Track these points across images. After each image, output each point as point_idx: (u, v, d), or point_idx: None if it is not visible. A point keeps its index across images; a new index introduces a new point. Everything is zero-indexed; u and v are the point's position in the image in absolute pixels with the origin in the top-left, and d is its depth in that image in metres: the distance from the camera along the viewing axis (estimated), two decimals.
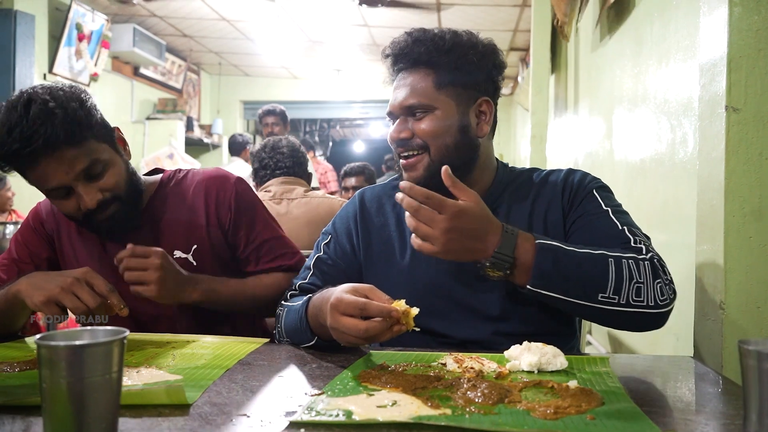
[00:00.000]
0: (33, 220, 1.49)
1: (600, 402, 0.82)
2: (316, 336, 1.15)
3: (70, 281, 1.15)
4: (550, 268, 1.06)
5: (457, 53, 1.23)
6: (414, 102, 1.23)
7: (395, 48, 1.27)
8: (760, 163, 1.14)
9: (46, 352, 0.62)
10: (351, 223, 1.37)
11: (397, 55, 1.27)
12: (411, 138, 1.24)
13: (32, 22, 4.91)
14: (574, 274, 1.06)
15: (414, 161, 1.24)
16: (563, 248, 1.09)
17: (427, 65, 1.24)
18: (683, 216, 1.76)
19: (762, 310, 1.14)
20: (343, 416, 0.77)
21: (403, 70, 1.27)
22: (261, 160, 2.65)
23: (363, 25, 6.22)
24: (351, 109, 9.51)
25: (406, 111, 1.24)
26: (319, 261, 1.36)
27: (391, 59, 1.29)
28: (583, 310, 1.08)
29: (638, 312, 1.06)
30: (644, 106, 2.26)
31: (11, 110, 1.20)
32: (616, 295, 1.06)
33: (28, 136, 1.19)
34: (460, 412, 0.78)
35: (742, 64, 1.14)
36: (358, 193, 1.43)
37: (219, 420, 0.77)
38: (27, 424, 0.76)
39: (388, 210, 1.36)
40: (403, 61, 1.26)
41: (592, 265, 1.07)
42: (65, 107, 1.23)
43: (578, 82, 3.70)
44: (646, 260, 1.10)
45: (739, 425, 0.75)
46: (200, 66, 8.47)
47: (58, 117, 1.21)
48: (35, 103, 1.20)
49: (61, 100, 1.23)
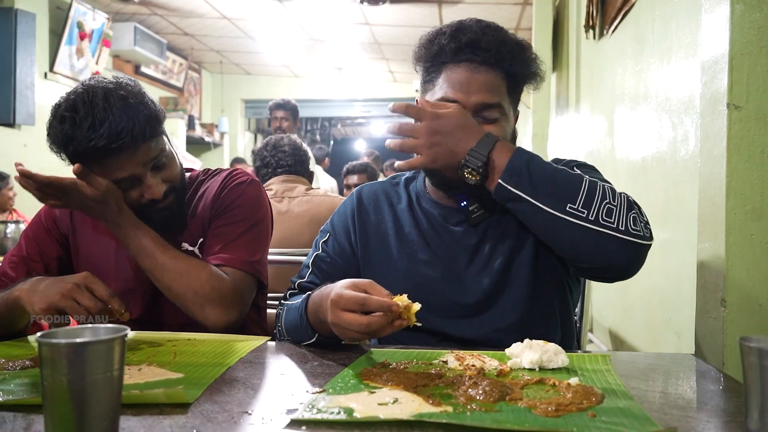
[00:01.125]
0: (45, 219, 1.47)
1: (601, 399, 0.82)
2: (317, 333, 1.15)
3: (70, 287, 1.13)
4: (522, 167, 1.08)
5: (529, 67, 1.23)
6: (495, 101, 1.19)
7: (474, 38, 1.19)
8: (761, 161, 1.14)
9: (47, 350, 0.62)
10: (349, 220, 1.36)
11: (479, 47, 1.19)
12: None
13: (33, 20, 4.92)
14: (544, 178, 1.08)
15: None
16: (540, 157, 1.11)
17: (504, 70, 1.20)
18: (684, 214, 1.76)
19: (763, 307, 1.14)
20: (345, 414, 0.77)
21: (477, 63, 1.19)
22: (263, 158, 2.66)
23: (364, 23, 6.21)
24: (352, 108, 9.52)
25: (480, 108, 1.18)
26: (318, 259, 1.36)
27: (461, 44, 1.19)
28: (551, 221, 1.07)
29: (607, 234, 1.04)
30: (645, 104, 2.26)
31: (90, 105, 1.21)
32: (585, 209, 1.05)
33: (116, 132, 1.20)
34: (462, 410, 0.78)
35: (744, 62, 1.14)
36: (356, 190, 1.42)
37: (220, 418, 0.77)
38: (28, 422, 0.76)
39: (385, 208, 1.35)
40: (480, 54, 1.19)
41: (566, 176, 1.09)
42: (144, 103, 1.27)
43: (580, 80, 3.70)
44: (624, 194, 1.09)
45: (740, 422, 0.75)
46: (201, 65, 8.48)
47: (141, 113, 1.25)
48: (114, 98, 1.22)
49: (136, 96, 1.26)
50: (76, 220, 1.46)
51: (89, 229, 1.46)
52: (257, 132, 10.00)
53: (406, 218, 1.32)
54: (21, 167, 1.21)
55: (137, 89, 1.29)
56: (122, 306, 1.16)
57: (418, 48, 1.27)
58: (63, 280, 1.16)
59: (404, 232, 1.31)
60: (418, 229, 1.31)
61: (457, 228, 1.29)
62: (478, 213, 1.26)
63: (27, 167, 1.22)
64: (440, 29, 1.24)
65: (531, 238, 1.24)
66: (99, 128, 1.20)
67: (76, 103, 1.22)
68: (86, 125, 1.20)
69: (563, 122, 4.25)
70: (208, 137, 8.00)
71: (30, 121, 4.90)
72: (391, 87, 8.99)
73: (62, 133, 1.22)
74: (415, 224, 1.31)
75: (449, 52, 1.20)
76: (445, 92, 1.20)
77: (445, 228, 1.29)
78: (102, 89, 1.23)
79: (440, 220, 1.30)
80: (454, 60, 1.20)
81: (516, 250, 1.25)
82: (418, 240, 1.30)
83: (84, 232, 1.46)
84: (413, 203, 1.34)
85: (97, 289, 1.15)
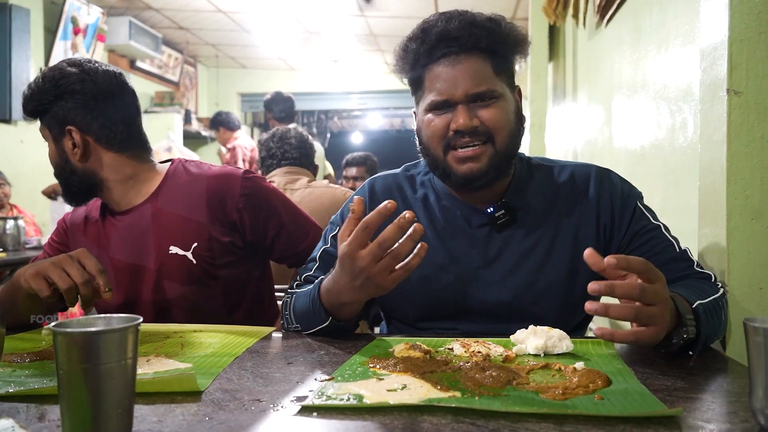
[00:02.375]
0: (61, 227, 1.58)
1: (607, 382, 0.83)
2: (330, 317, 1.12)
3: (63, 258, 1.17)
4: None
5: (511, 40, 1.20)
6: (484, 89, 1.16)
7: (442, 30, 1.17)
8: (761, 146, 1.14)
9: (63, 339, 0.63)
10: None
11: (450, 38, 1.16)
12: (479, 126, 1.16)
13: (27, 16, 4.90)
14: (711, 336, 1.04)
15: (479, 151, 1.17)
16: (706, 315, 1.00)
17: (484, 51, 1.17)
18: (683, 201, 1.77)
19: (764, 291, 1.15)
20: (354, 400, 0.78)
21: (453, 54, 1.16)
22: (269, 149, 2.66)
23: (360, 15, 6.19)
24: (349, 100, 9.49)
25: (471, 98, 1.16)
26: (326, 253, 1.33)
27: (432, 41, 1.17)
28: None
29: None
30: (643, 92, 2.27)
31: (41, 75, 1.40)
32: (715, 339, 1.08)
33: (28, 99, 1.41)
34: (470, 395, 0.79)
35: (743, 48, 1.14)
36: (368, 181, 1.37)
37: (232, 405, 0.78)
38: (42, 411, 0.77)
39: (398, 203, 1.32)
40: (454, 44, 1.16)
41: (718, 321, 1.05)
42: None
43: (577, 69, 3.70)
44: (725, 299, 1.10)
45: (745, 402, 0.76)
46: (197, 58, 8.45)
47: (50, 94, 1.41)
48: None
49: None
50: (69, 227, 1.55)
51: (80, 236, 1.52)
52: (254, 125, 9.97)
53: (421, 216, 1.28)
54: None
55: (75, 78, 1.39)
56: (108, 284, 1.17)
57: (396, 62, 1.24)
58: (60, 255, 1.19)
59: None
60: (434, 229, 1.27)
61: (479, 231, 1.25)
62: (504, 219, 1.23)
63: (23, 163, 1.28)
64: (408, 36, 1.22)
65: (563, 255, 1.21)
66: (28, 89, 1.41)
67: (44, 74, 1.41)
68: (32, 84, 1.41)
69: (561, 112, 4.26)
70: (205, 131, 7.97)
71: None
72: (387, 79, 8.96)
73: None
74: (431, 222, 1.27)
75: (424, 54, 1.18)
76: (433, 95, 1.18)
77: (464, 230, 1.26)
78: (59, 69, 1.39)
79: (461, 220, 1.26)
80: (432, 59, 1.18)
81: (542, 262, 1.22)
82: (434, 241, 1.25)
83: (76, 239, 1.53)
84: (429, 199, 1.30)
85: (87, 263, 1.17)
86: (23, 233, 3.59)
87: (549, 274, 1.21)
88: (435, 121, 1.19)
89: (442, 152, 1.20)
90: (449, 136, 1.18)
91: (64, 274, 1.15)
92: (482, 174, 1.18)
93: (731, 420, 0.72)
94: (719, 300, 1.07)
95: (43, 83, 1.39)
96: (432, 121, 1.20)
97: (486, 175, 1.18)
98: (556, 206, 1.25)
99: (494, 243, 1.24)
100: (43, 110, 1.40)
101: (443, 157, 1.20)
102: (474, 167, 1.17)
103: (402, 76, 1.26)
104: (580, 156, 3.58)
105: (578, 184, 1.26)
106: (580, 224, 1.23)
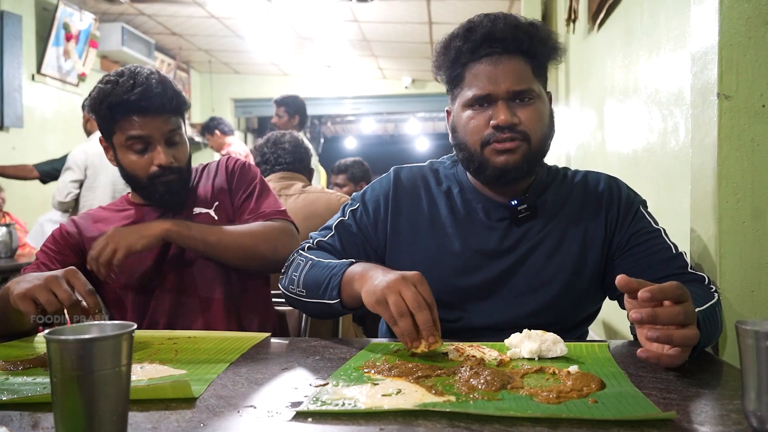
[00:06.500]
0: (57, 235, 1.55)
1: (601, 386, 0.84)
2: (340, 300, 1.14)
3: (51, 278, 1.12)
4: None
5: (549, 45, 1.25)
6: (524, 87, 1.20)
7: (488, 31, 1.21)
8: (752, 149, 1.15)
9: (57, 346, 0.62)
10: (381, 198, 1.34)
11: (495, 38, 1.21)
12: (518, 124, 1.21)
13: (19, 22, 4.88)
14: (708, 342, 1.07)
15: (515, 145, 1.21)
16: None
17: (524, 53, 1.22)
18: (675, 204, 1.78)
19: (756, 293, 1.16)
20: (349, 405, 0.78)
21: (496, 54, 1.21)
22: (263, 154, 2.65)
23: (353, 20, 6.21)
24: (342, 106, 9.49)
25: (512, 95, 1.21)
26: (342, 225, 1.35)
27: (477, 41, 1.21)
28: None
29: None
30: (635, 96, 2.28)
31: (134, 73, 1.44)
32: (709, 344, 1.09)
33: (149, 94, 1.41)
34: (465, 399, 0.79)
35: (734, 52, 1.15)
36: (393, 169, 1.39)
37: (226, 412, 0.78)
38: (35, 419, 0.76)
39: (422, 193, 1.33)
40: (498, 45, 1.21)
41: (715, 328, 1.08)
42: (175, 86, 1.49)
43: (569, 73, 3.72)
44: (719, 303, 1.12)
45: (737, 405, 0.77)
46: (190, 64, 8.44)
47: (173, 89, 1.47)
48: (155, 74, 1.45)
49: (171, 80, 1.49)
50: (83, 234, 1.54)
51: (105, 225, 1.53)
52: (247, 131, 9.96)
53: (443, 207, 1.31)
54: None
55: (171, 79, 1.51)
56: (98, 305, 1.14)
57: (436, 57, 1.28)
58: (49, 272, 1.15)
59: (439, 221, 1.30)
60: (454, 219, 1.30)
61: (498, 224, 1.29)
62: (525, 214, 1.27)
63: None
64: (452, 33, 1.26)
65: (573, 245, 1.26)
66: (136, 88, 1.41)
67: (122, 71, 1.45)
68: (127, 85, 1.42)
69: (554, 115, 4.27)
70: (199, 137, 7.95)
71: (18, 123, 4.85)
72: (381, 84, 8.98)
73: (104, 90, 1.43)
74: (452, 213, 1.31)
75: (467, 52, 1.22)
76: (475, 90, 1.22)
77: (483, 222, 1.29)
78: (147, 69, 1.47)
79: (482, 213, 1.30)
80: (474, 58, 1.22)
81: (555, 255, 1.26)
82: (453, 231, 1.29)
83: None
84: (453, 191, 1.33)
85: (76, 284, 1.13)
86: (16, 240, 3.57)
87: (558, 260, 1.26)
88: (474, 116, 1.23)
89: (480, 147, 1.23)
90: (488, 132, 1.22)
91: (51, 296, 1.10)
92: (517, 167, 1.21)
93: (724, 422, 0.73)
94: (715, 306, 1.10)
95: (172, 83, 1.49)
96: (471, 117, 1.24)
97: (520, 168, 1.22)
98: (569, 204, 1.30)
99: (512, 235, 1.28)
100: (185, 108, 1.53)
101: (480, 151, 1.23)
102: (510, 159, 1.21)
103: (439, 73, 1.30)
104: (573, 160, 3.59)
105: (590, 186, 1.32)
106: (589, 220, 1.29)
